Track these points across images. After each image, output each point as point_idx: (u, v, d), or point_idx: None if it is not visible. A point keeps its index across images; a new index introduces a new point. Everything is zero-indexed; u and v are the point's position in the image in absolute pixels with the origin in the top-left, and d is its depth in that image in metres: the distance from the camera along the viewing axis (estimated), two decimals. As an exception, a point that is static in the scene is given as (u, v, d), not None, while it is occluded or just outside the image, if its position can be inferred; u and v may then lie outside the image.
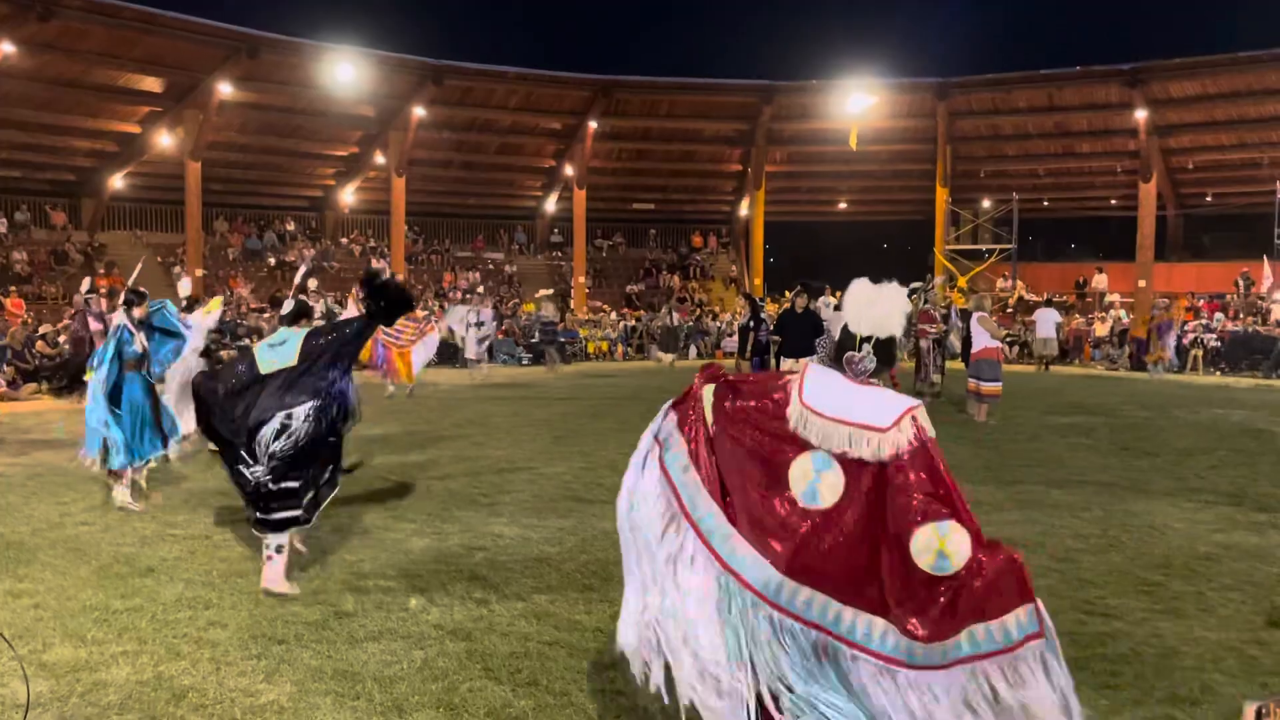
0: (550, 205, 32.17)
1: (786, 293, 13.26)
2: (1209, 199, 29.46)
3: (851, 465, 2.84)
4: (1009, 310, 27.16)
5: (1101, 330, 24.10)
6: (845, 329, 3.24)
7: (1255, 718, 1.17)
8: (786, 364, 12.55)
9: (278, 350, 5.25)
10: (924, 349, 14.58)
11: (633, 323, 26.88)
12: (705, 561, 2.91)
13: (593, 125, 28.90)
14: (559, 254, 32.02)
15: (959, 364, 14.45)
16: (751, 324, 13.73)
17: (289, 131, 27.11)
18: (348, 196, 30.03)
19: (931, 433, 2.86)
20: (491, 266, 30.58)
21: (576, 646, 4.34)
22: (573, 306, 27.88)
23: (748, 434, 2.96)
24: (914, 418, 2.85)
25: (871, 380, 3.12)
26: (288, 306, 6.08)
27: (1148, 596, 5.21)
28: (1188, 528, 6.70)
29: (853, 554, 2.79)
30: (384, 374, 14.29)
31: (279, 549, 5.08)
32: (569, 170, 30.01)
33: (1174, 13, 45.64)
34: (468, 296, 23.16)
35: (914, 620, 2.72)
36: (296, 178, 29.71)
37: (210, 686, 3.91)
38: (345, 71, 24.00)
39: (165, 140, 24.40)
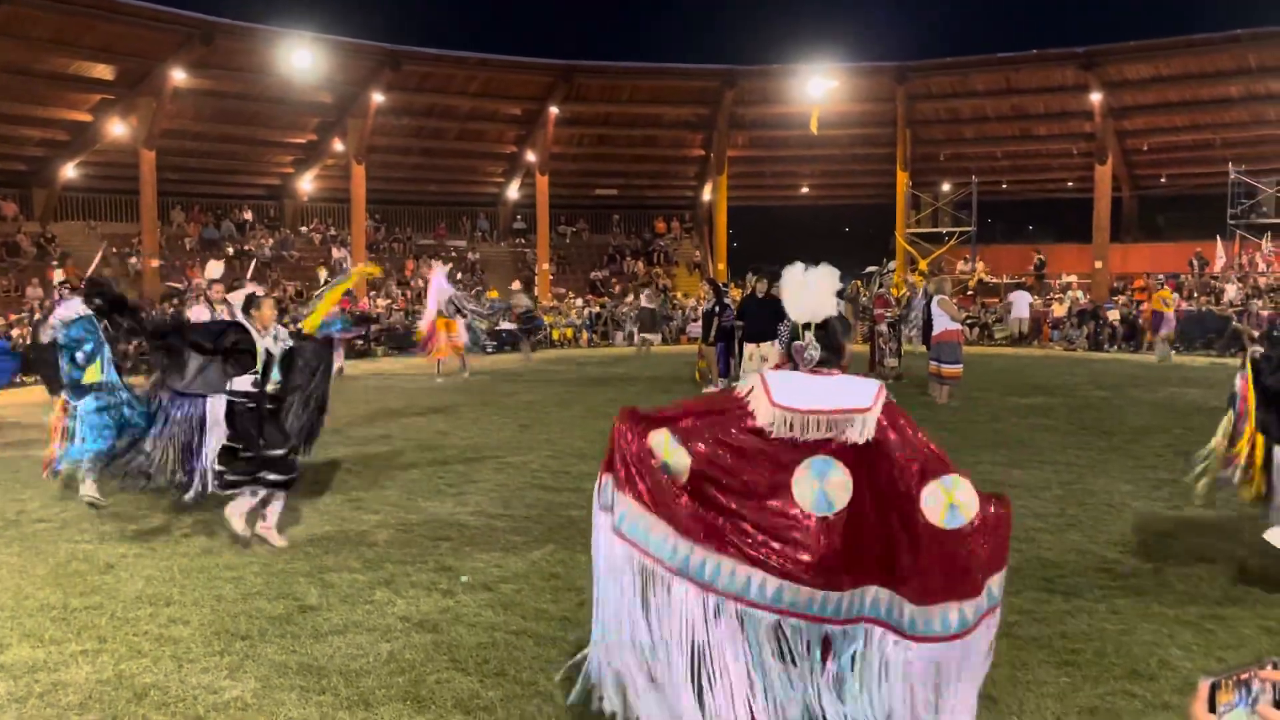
0: (513, 192, 31.99)
1: (749, 277, 13.27)
2: (1163, 180, 29.89)
3: (850, 457, 2.84)
4: (969, 292, 27.43)
5: (1060, 311, 24.43)
6: (790, 320, 3.25)
7: (1209, 693, 1.18)
8: (749, 349, 12.58)
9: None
10: (880, 333, 14.68)
11: (597, 309, 26.82)
12: (707, 601, 2.86)
13: (554, 111, 28.73)
14: (522, 240, 31.86)
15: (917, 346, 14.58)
16: (716, 309, 13.73)
17: (245, 119, 26.68)
18: (306, 184, 29.64)
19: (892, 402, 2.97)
20: (454, 254, 30.36)
21: (544, 635, 4.33)
22: (536, 293, 27.75)
23: (737, 469, 2.90)
24: (885, 395, 2.93)
25: (821, 370, 3.12)
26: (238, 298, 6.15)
27: (1106, 574, 5.30)
28: (1145, 505, 6.83)
29: (881, 538, 2.82)
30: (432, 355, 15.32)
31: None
32: (531, 156, 29.82)
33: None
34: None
35: (945, 589, 2.75)
36: (254, 166, 29.27)
37: (173, 684, 3.87)
38: (302, 58, 23.64)
39: (118, 128, 23.91)
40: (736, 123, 30.64)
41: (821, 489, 2.83)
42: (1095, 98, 26.73)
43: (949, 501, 2.74)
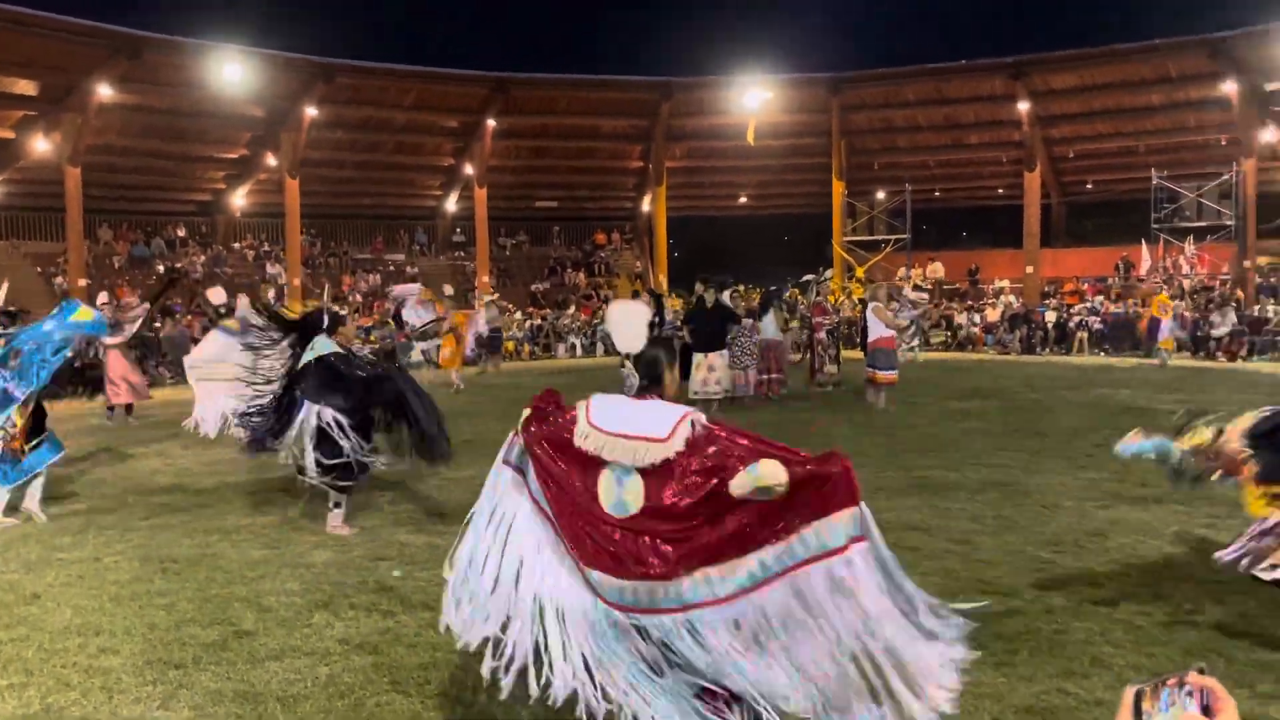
0: (451, 204, 31.79)
1: (698, 286, 13.34)
2: (1090, 187, 30.74)
3: (647, 470, 3.04)
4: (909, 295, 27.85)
5: (993, 315, 24.94)
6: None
7: (1134, 700, 1.21)
8: (697, 358, 12.63)
9: None
10: (819, 340, 14.84)
11: (539, 321, 26.75)
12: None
13: (491, 123, 28.65)
14: (461, 253, 31.66)
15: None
16: (655, 320, 13.75)
17: (174, 134, 26.16)
18: (239, 200, 29.15)
19: (705, 422, 3.10)
20: (392, 268, 30.06)
21: (487, 655, 4.29)
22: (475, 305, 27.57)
23: (561, 459, 3.21)
24: (691, 422, 3.05)
25: (647, 396, 3.32)
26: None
27: (1040, 574, 5.41)
28: (1076, 505, 6.99)
29: (674, 538, 2.98)
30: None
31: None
32: (468, 169, 29.68)
33: (1055, 4, 47.43)
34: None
35: (747, 543, 2.89)
36: (184, 181, 28.71)
37: (103, 716, 3.76)
38: (231, 71, 23.27)
39: (42, 145, 23.29)
40: (674, 134, 30.83)
41: (620, 494, 3.06)
42: (1023, 107, 27.39)
43: (755, 484, 2.87)
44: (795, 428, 10.97)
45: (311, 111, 25.92)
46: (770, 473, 2.88)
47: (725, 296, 13.22)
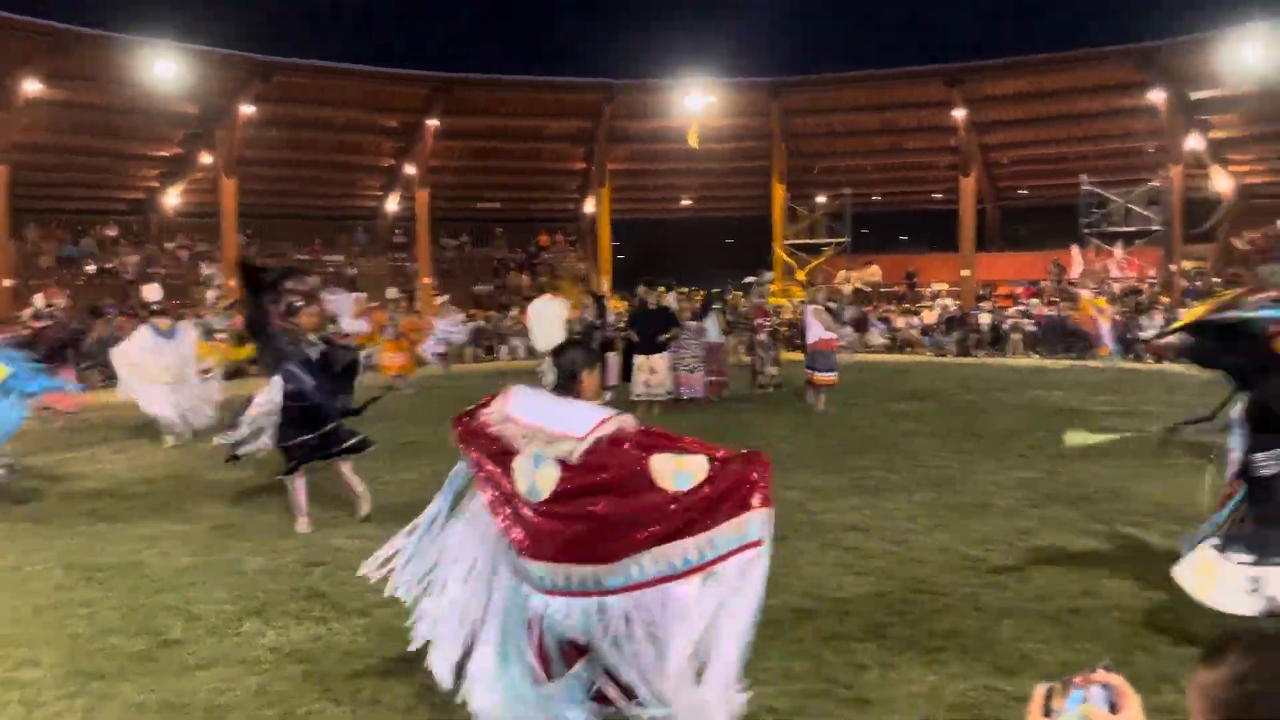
0: (392, 205, 31.41)
1: (641, 289, 13.37)
2: (1023, 192, 31.38)
3: (564, 461, 3.13)
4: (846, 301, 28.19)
5: (930, 318, 25.33)
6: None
7: (1044, 698, 1.23)
8: (639, 360, 12.65)
9: None
10: (760, 342, 14.95)
11: (482, 323, 26.55)
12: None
13: (433, 124, 28.39)
14: (403, 255, 31.30)
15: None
16: (597, 322, 13.74)
17: (106, 131, 25.49)
18: (173, 199, 28.49)
19: (633, 425, 3.19)
20: (332, 269, 29.61)
21: (420, 661, 4.24)
22: (418, 308, 27.30)
23: (486, 448, 3.30)
24: (612, 424, 3.14)
25: (557, 391, 3.43)
26: None
27: (972, 572, 5.50)
28: (1009, 505, 7.12)
29: (588, 526, 3.06)
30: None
31: None
32: (410, 169, 29.37)
33: (990, 14, 48.31)
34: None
35: (676, 533, 2.97)
36: (116, 180, 27.98)
37: (20, 732, 3.65)
38: (164, 67, 22.74)
39: (-36, 141, 22.55)
40: (617, 136, 30.84)
41: (533, 479, 3.15)
42: (959, 113, 27.88)
43: (677, 468, 2.99)
44: (737, 429, 11.04)
45: (248, 109, 25.44)
46: (692, 463, 3.00)
47: (669, 299, 13.26)
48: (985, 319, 24.14)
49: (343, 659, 4.29)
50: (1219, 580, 4.22)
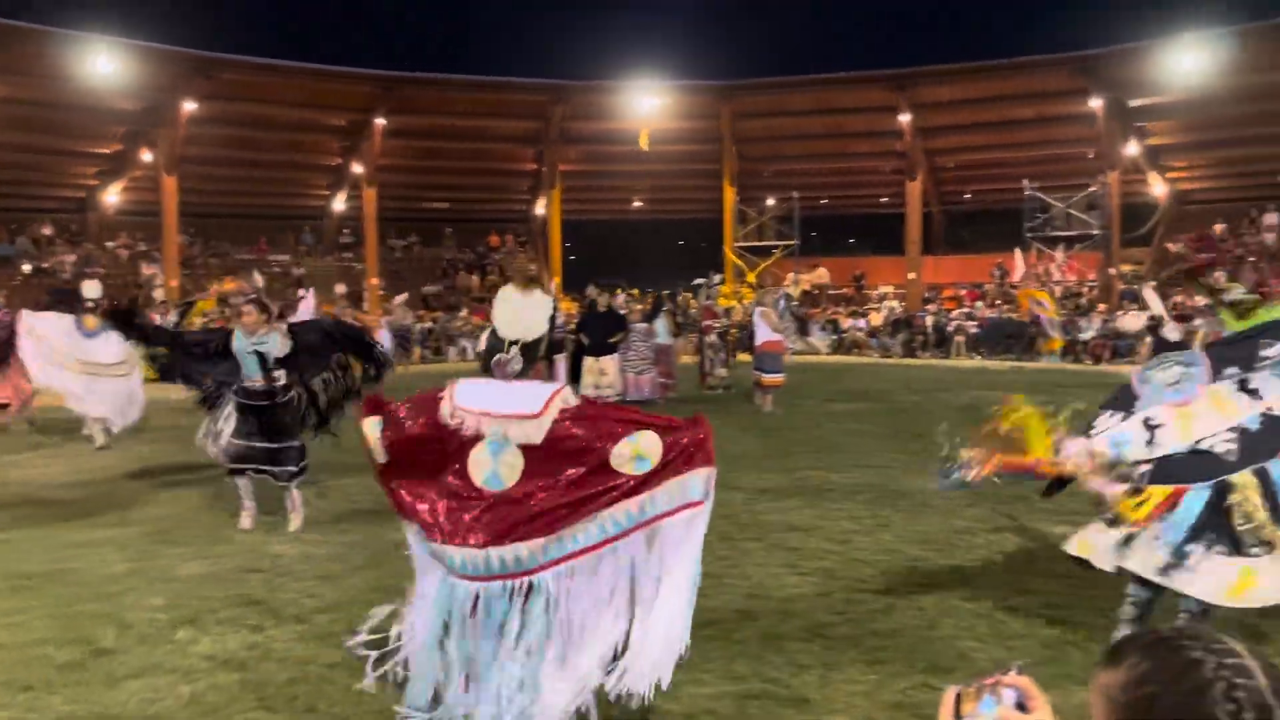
0: (339, 204, 31.06)
1: (590, 290, 13.36)
2: (968, 196, 31.90)
3: (525, 444, 3.15)
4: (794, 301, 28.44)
5: (877, 320, 25.63)
6: (493, 334, 3.71)
7: (954, 702, 1.24)
8: (588, 362, 12.64)
9: None
10: (710, 343, 15.02)
11: (429, 324, 26.34)
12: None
13: (380, 122, 28.13)
14: (350, 255, 30.94)
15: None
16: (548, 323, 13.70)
17: (42, 127, 24.87)
18: (112, 197, 27.89)
19: (574, 397, 3.29)
20: (278, 269, 29.19)
21: (358, 668, 4.17)
22: (365, 308, 27.01)
23: (426, 451, 3.25)
24: (563, 397, 3.23)
25: (519, 379, 3.47)
26: None
27: (912, 571, 5.57)
28: (947, 505, 7.20)
29: (553, 504, 3.09)
30: None
31: None
32: (357, 168, 29.08)
33: (937, 21, 49.08)
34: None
35: (616, 497, 3.06)
36: (53, 177, 27.33)
37: (-60, 746, 3.54)
38: (104, 63, 22.27)
39: (-108, 136, 21.90)
40: (567, 137, 30.79)
41: (494, 468, 3.15)
42: (905, 118, 28.27)
43: (634, 454, 3.06)
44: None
45: (190, 106, 25.01)
46: (649, 444, 3.07)
47: (617, 301, 13.27)
48: (930, 321, 24.48)
49: (279, 666, 4.21)
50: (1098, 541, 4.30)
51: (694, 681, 3.97)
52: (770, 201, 30.84)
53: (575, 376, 12.97)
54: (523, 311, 3.79)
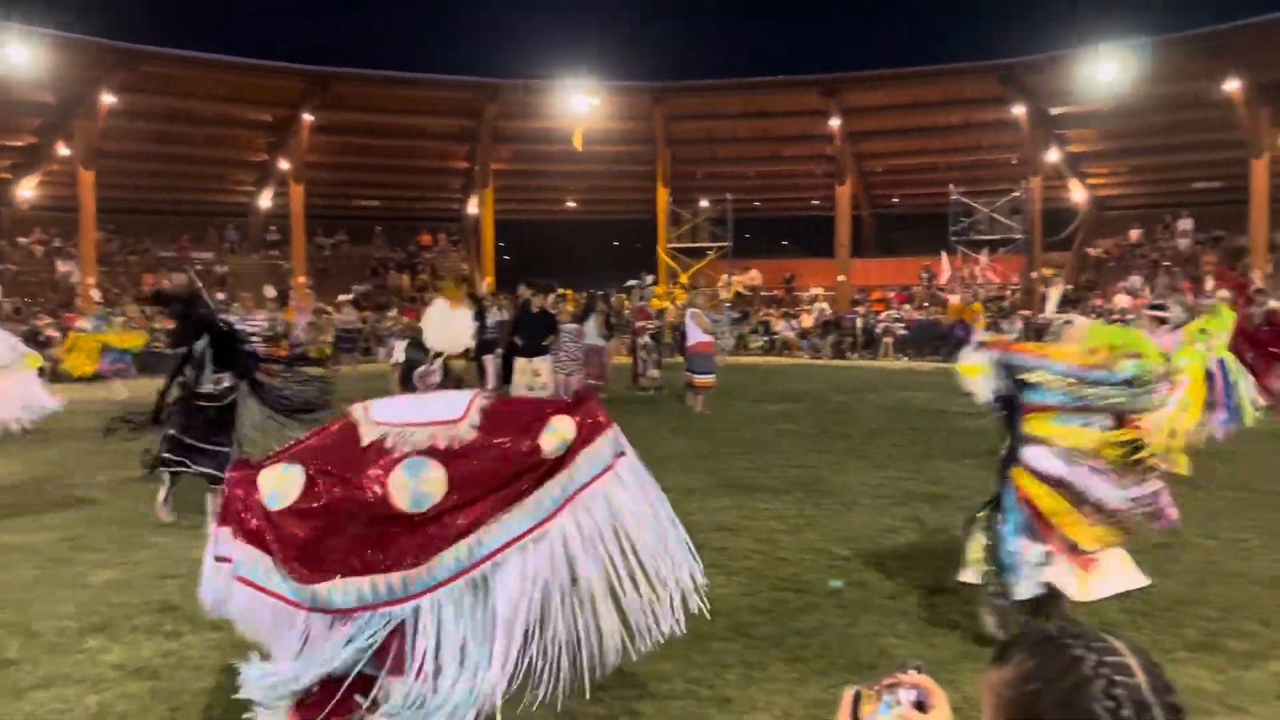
0: (265, 201, 30.42)
1: (522, 290, 13.26)
2: (896, 200, 32.47)
3: (443, 455, 3.13)
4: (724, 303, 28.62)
5: (807, 322, 25.94)
6: (411, 346, 3.82)
7: (852, 703, 1.25)
8: (520, 363, 12.53)
9: None
10: (642, 345, 15.05)
11: (359, 324, 25.92)
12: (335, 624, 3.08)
13: (308, 118, 27.63)
14: (277, 252, 30.34)
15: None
16: (476, 324, 13.57)
17: (-51, 119, 23.98)
18: (26, 192, 26.93)
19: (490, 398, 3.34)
20: (200, 267, 28.48)
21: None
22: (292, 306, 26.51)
23: (339, 490, 3.10)
24: (481, 400, 3.26)
25: (443, 389, 3.53)
26: None
27: (837, 570, 5.64)
28: (873, 503, 7.33)
29: (484, 504, 3.09)
30: None
31: None
32: (284, 164, 28.52)
33: (868, 26, 49.87)
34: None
35: (539, 482, 3.11)
36: (-38, 171, 26.33)
37: None
38: (16, 53, 21.49)
39: None
40: (500, 136, 30.61)
41: (415, 487, 3.08)
42: (835, 123, 28.68)
43: (558, 439, 3.14)
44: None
45: (109, 99, 24.29)
46: (564, 426, 3.15)
47: (547, 301, 13.18)
48: (859, 323, 24.86)
49: (193, 675, 4.11)
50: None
51: (619, 683, 3.97)
52: (704, 203, 31.02)
53: (507, 378, 12.88)
54: (451, 324, 3.80)
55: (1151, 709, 1.01)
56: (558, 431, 3.14)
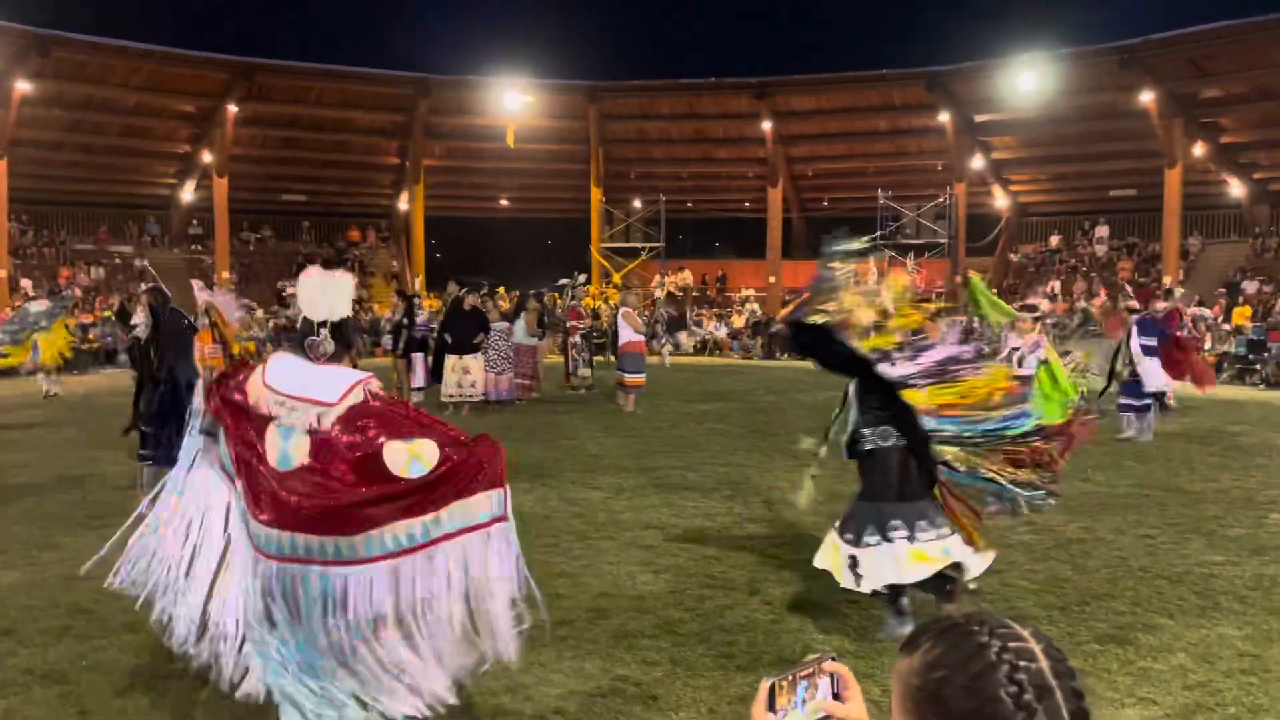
0: (187, 194, 29.62)
1: (452, 287, 13.15)
2: (826, 204, 32.87)
3: (313, 430, 3.21)
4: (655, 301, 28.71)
5: (739, 322, 26.15)
6: (304, 317, 3.83)
7: (769, 694, 1.26)
8: (451, 360, 12.44)
9: None
10: (574, 344, 15.02)
11: (285, 321, 25.43)
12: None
13: (233, 110, 27.00)
14: (199, 247, 29.58)
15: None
16: (405, 321, 13.41)
17: None
18: (-67, 180, 25.85)
19: (378, 387, 3.34)
20: (119, 260, 27.68)
21: (190, 675, 4.00)
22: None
23: (242, 422, 3.30)
24: (364, 387, 3.29)
25: (331, 361, 3.57)
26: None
27: (763, 567, 5.71)
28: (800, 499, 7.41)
29: (337, 493, 3.11)
30: None
31: None
32: (208, 157, 27.82)
33: (795, 31, 50.43)
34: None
35: (405, 512, 3.08)
36: None
37: None
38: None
39: None
40: (432, 132, 30.29)
41: (284, 449, 3.21)
42: (766, 126, 28.97)
43: (411, 455, 3.14)
44: (546, 431, 11.02)
45: (23, 86, 23.45)
46: (427, 450, 3.12)
47: (474, 299, 13.11)
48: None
49: (106, 679, 4.00)
50: (838, 561, 4.61)
51: (544, 682, 3.96)
52: (637, 204, 31.06)
53: (438, 375, 12.77)
54: (325, 291, 3.77)
55: (1054, 692, 1.03)
56: (413, 448, 3.12)
